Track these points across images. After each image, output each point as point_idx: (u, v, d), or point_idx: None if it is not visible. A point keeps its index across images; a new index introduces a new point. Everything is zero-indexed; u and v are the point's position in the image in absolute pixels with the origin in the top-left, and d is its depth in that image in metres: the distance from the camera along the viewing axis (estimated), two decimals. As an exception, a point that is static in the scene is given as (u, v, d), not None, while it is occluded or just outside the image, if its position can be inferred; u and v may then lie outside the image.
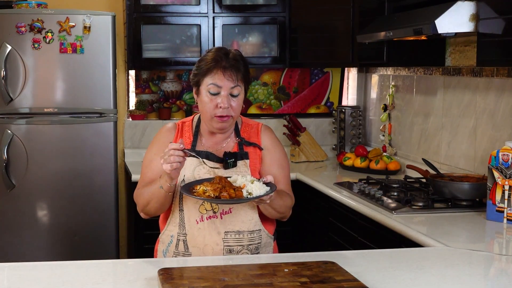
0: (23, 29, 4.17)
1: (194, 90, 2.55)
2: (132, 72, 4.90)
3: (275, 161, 2.57)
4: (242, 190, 2.27)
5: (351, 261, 2.27)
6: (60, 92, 4.28)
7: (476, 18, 2.89)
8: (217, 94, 2.45)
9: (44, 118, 4.26)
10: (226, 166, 2.48)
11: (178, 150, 2.29)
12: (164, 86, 4.92)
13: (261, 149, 2.56)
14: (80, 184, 4.31)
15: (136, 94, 4.92)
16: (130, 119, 4.87)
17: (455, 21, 2.92)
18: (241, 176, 2.35)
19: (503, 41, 2.68)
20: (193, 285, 1.87)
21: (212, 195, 2.24)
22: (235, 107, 2.47)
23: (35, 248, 4.28)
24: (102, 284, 2.05)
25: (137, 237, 4.25)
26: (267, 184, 2.33)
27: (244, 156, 2.52)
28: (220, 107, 2.44)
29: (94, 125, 4.32)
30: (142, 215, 2.58)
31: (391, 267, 2.22)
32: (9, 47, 4.17)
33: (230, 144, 2.56)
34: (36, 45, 4.20)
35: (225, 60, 2.46)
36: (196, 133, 2.56)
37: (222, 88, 2.45)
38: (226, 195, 2.24)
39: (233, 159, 2.49)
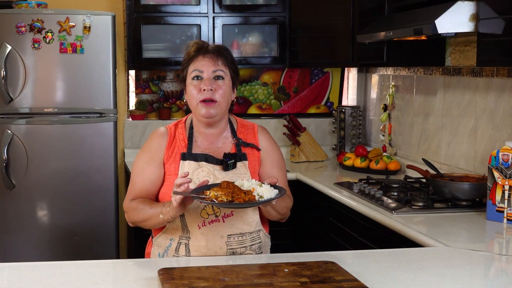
0: (23, 29, 4.17)
1: (184, 91, 2.54)
2: (132, 72, 4.90)
3: (274, 162, 2.56)
4: (253, 193, 2.22)
5: (351, 261, 2.27)
6: (60, 92, 4.28)
7: (476, 18, 2.89)
8: (200, 79, 2.45)
9: (44, 118, 4.26)
10: (226, 168, 2.44)
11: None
12: (164, 86, 4.92)
13: (258, 149, 2.54)
14: (80, 184, 4.31)
15: (136, 94, 4.92)
16: (130, 119, 4.87)
17: (455, 21, 2.92)
18: (247, 181, 2.30)
19: (503, 41, 2.68)
20: (193, 285, 1.87)
21: (225, 200, 2.19)
22: (220, 92, 2.44)
23: (35, 248, 4.28)
24: (102, 284, 2.05)
25: (137, 237, 4.24)
26: (274, 186, 2.30)
27: (242, 157, 2.49)
28: (204, 90, 2.42)
29: (94, 125, 4.32)
30: (130, 224, 2.53)
31: (391, 267, 2.22)
32: (9, 47, 4.17)
33: (227, 145, 2.52)
34: (36, 45, 4.20)
35: (205, 48, 2.49)
36: (191, 135, 2.51)
37: (203, 72, 2.45)
38: (240, 199, 2.18)
39: (233, 160, 2.45)
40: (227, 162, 2.44)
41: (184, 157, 2.46)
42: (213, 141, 2.52)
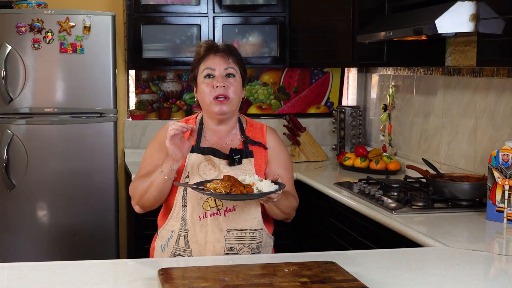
0: (23, 29, 4.17)
1: (194, 89, 2.59)
2: (132, 72, 4.90)
3: (281, 163, 2.60)
4: (252, 187, 2.29)
5: (351, 261, 2.27)
6: (60, 92, 4.28)
7: (476, 18, 2.89)
8: (212, 77, 2.50)
9: (44, 118, 4.26)
10: (232, 163, 2.49)
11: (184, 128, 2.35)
12: (164, 86, 4.92)
13: (265, 148, 2.58)
14: (80, 184, 4.31)
15: (136, 94, 4.92)
16: (130, 119, 4.87)
17: (455, 21, 2.92)
18: (249, 176, 2.37)
19: (503, 41, 2.68)
20: (193, 285, 1.87)
21: (223, 191, 2.27)
22: (232, 88, 2.50)
23: (35, 248, 4.28)
24: (102, 284, 2.05)
25: (137, 237, 4.25)
26: (275, 183, 2.35)
27: (249, 154, 2.54)
28: (216, 86, 2.48)
29: (94, 125, 4.32)
30: (137, 208, 2.58)
31: (391, 267, 2.22)
32: (9, 47, 4.17)
33: (235, 142, 2.58)
34: (36, 45, 4.20)
35: (216, 46, 2.55)
36: (200, 130, 2.58)
37: (215, 70, 2.51)
38: (237, 191, 2.26)
39: (239, 156, 2.51)
40: (233, 157, 2.50)
41: (192, 149, 2.52)
42: (221, 137, 2.58)
